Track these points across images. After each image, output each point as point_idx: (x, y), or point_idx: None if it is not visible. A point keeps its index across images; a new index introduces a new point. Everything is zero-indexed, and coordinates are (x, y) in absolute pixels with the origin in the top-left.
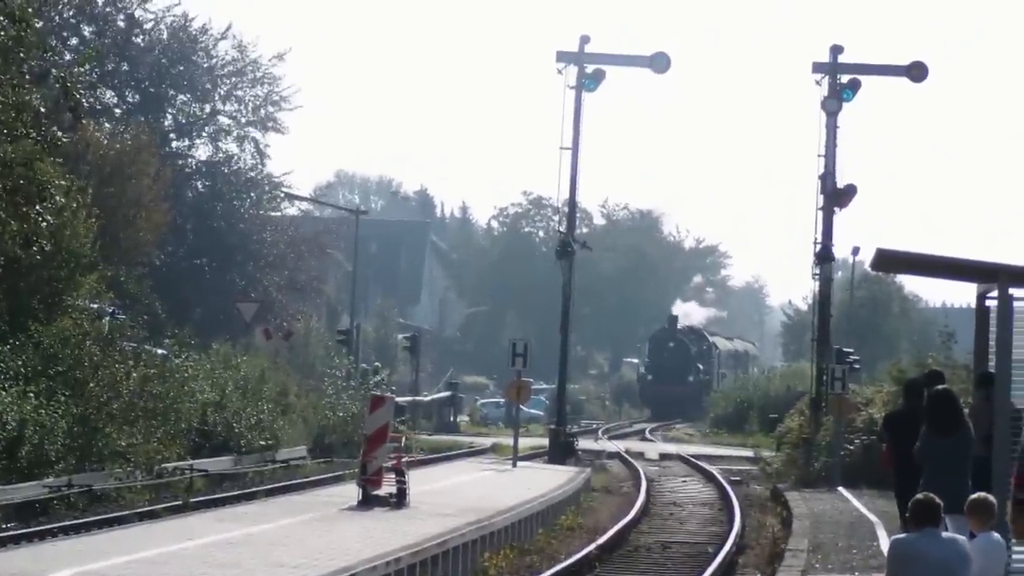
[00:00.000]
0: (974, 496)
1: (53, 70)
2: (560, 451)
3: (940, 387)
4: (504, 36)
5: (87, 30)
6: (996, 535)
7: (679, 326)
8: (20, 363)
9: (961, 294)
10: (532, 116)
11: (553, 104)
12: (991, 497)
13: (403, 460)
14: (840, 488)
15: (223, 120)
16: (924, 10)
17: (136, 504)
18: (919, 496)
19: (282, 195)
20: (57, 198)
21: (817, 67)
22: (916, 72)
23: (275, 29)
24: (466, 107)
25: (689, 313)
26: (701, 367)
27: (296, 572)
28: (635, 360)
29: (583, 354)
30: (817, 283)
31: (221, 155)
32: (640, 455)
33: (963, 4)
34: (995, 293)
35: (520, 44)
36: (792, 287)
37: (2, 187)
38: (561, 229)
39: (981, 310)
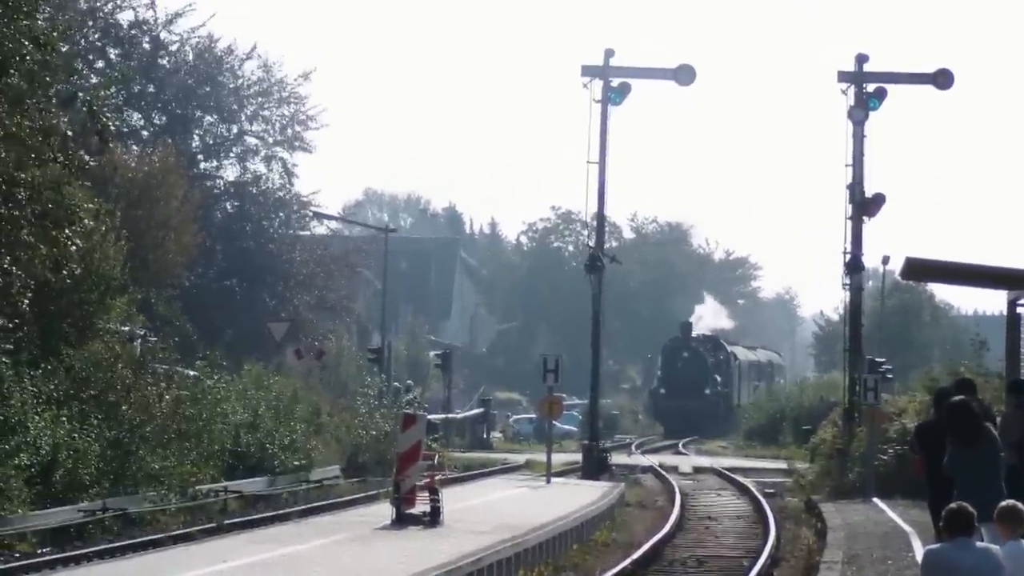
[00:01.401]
0: (1003, 504)
1: (80, 94)
2: (594, 466)
3: (956, 399)
4: (530, 51)
5: (113, 53)
6: None
7: (694, 334)
8: (52, 387)
9: (993, 302)
10: (559, 131)
11: (580, 118)
12: (1020, 505)
13: (436, 478)
14: (875, 499)
15: (250, 140)
16: (951, 17)
17: (170, 527)
18: (952, 506)
19: (311, 214)
20: (86, 221)
21: (843, 76)
22: (942, 80)
23: (301, 48)
24: (493, 123)
25: (703, 316)
26: (719, 378)
27: None
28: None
29: (615, 368)
30: (848, 293)
31: (249, 175)
32: (674, 469)
33: (991, 11)
34: None
35: (546, 59)
36: (823, 297)
37: (31, 211)
38: (590, 243)
39: (1012, 317)
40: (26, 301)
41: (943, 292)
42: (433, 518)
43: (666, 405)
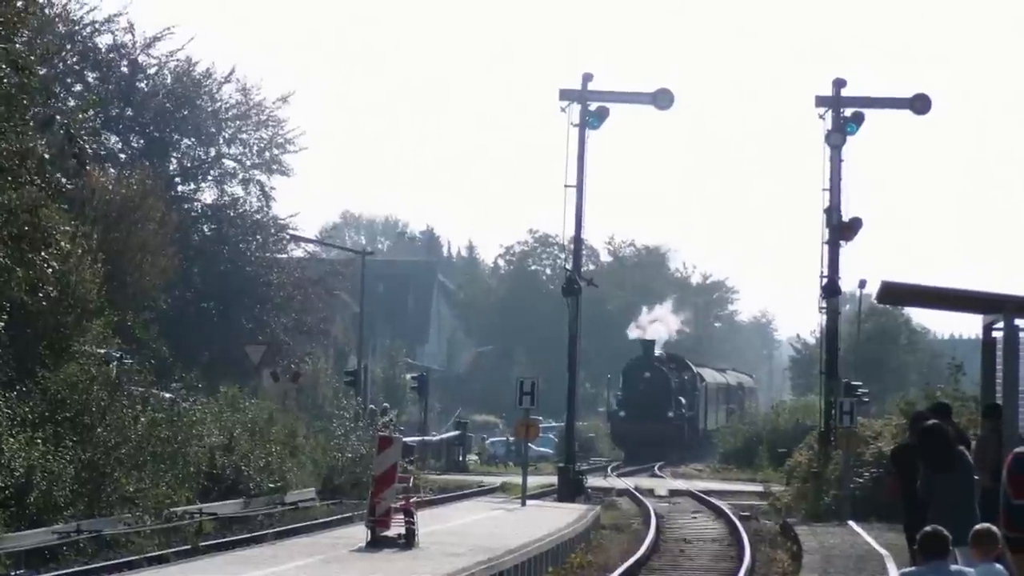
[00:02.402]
0: (977, 527)
1: (57, 117)
2: (570, 489)
3: (929, 423)
4: (509, 75)
5: (91, 76)
6: (998, 566)
7: (657, 352)
8: (27, 409)
9: (969, 326)
10: (537, 154)
11: (558, 142)
12: (994, 528)
13: (412, 501)
14: (850, 522)
15: (228, 163)
16: (929, 42)
17: (146, 549)
18: (927, 529)
19: (288, 237)
20: (63, 244)
21: (820, 101)
22: (919, 104)
23: (279, 72)
24: (471, 146)
25: (657, 319)
26: (683, 401)
27: None
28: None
29: (592, 391)
30: (824, 316)
31: (227, 198)
32: (650, 491)
33: (969, 36)
34: (1001, 324)
35: (524, 82)
36: (800, 321)
37: (7, 234)
38: (567, 266)
39: (988, 341)
40: (2, 323)
41: (920, 316)
42: (408, 540)
43: (626, 429)
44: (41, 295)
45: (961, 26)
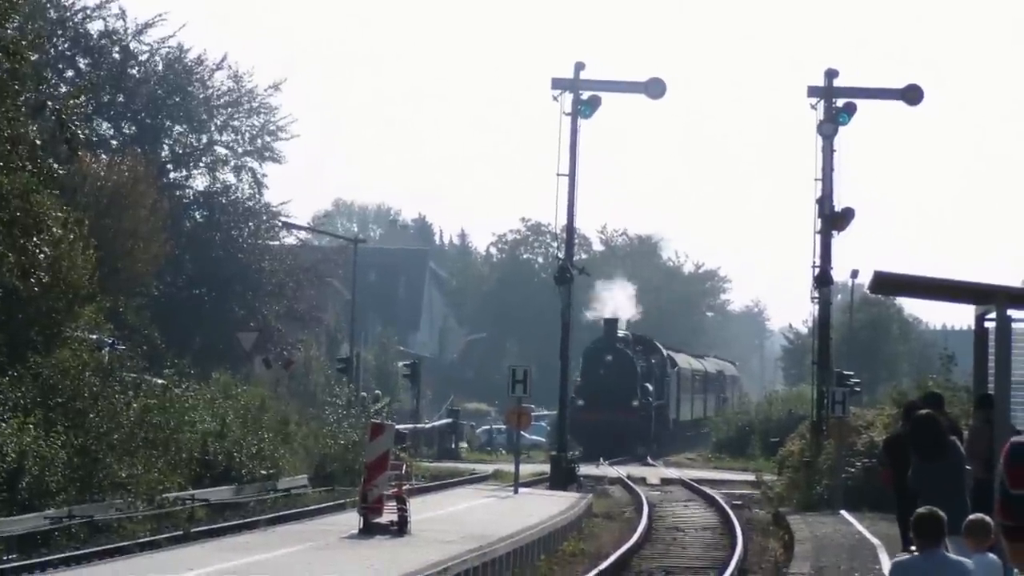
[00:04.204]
0: (971, 517)
1: (49, 103)
2: (562, 477)
3: (921, 412)
4: (501, 63)
5: (82, 62)
6: (992, 556)
7: (620, 333)
8: (19, 394)
9: (961, 316)
10: (529, 142)
11: (550, 130)
12: (988, 518)
13: (404, 488)
14: (842, 511)
15: (220, 150)
16: (922, 31)
17: (137, 535)
18: (921, 510)
19: (280, 224)
20: (54, 230)
21: (812, 91)
22: (912, 95)
23: (271, 59)
24: (464, 134)
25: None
26: (650, 388)
27: None
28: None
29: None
30: (816, 306)
31: (219, 185)
32: (642, 480)
33: (962, 25)
34: (994, 315)
35: (517, 70)
36: (792, 311)
37: None
38: (559, 255)
39: (980, 332)
40: None
41: (912, 306)
42: (400, 527)
43: (584, 420)
44: (33, 280)
45: (955, 19)
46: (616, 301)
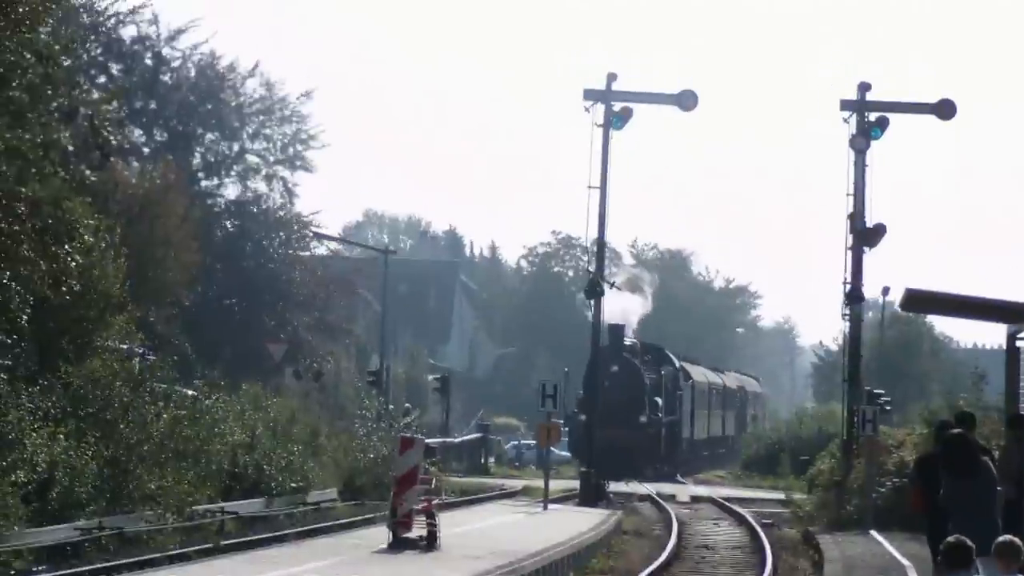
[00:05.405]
0: (1001, 539)
1: (81, 108)
2: (591, 494)
3: (952, 432)
4: (533, 75)
5: (115, 68)
6: None
7: (627, 342)
8: (50, 404)
9: (992, 335)
10: (561, 154)
11: (581, 142)
12: (1018, 540)
13: (433, 502)
14: (872, 531)
15: (251, 159)
16: (955, 46)
17: (167, 547)
18: (950, 539)
19: (311, 235)
20: (86, 237)
21: (845, 105)
22: (944, 110)
23: (302, 67)
24: (495, 146)
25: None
26: (660, 402)
27: None
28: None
29: None
30: (847, 324)
31: (250, 194)
32: (671, 497)
33: (995, 40)
34: None
35: (549, 82)
36: (822, 327)
37: (31, 227)
38: (590, 268)
39: (1011, 351)
40: (25, 317)
41: (943, 324)
42: (430, 542)
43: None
44: (64, 289)
45: (987, 28)
46: (622, 300)
